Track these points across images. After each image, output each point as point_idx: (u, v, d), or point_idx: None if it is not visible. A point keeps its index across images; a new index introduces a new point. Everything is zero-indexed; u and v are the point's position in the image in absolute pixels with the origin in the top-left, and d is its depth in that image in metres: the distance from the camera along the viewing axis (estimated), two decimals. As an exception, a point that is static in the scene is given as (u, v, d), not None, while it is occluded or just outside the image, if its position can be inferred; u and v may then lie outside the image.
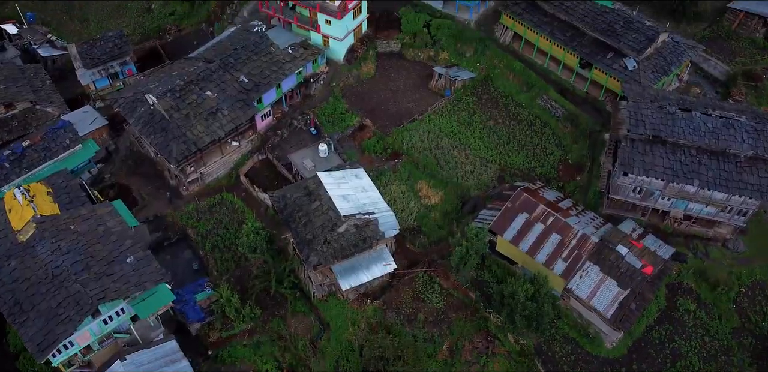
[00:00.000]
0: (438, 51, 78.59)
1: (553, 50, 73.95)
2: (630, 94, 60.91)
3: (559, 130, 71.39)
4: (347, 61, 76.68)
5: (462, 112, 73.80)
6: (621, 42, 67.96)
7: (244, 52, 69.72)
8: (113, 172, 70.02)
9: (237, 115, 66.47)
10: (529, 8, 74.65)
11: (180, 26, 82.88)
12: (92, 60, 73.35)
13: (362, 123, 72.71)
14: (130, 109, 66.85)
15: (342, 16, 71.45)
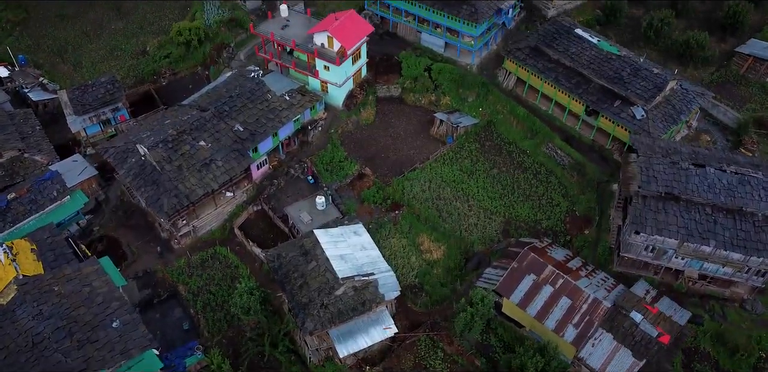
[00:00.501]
0: (439, 96, 76.59)
1: (557, 96, 71.89)
2: (640, 148, 58.57)
3: (565, 179, 68.94)
4: (346, 107, 74.57)
5: (464, 160, 71.44)
6: (628, 90, 65.91)
7: (239, 99, 67.62)
8: (102, 223, 67.31)
9: (231, 166, 64.01)
10: (533, 54, 72.79)
11: (175, 70, 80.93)
12: (83, 107, 71.23)
13: (361, 171, 70.25)
14: (121, 159, 64.44)
15: (341, 63, 69.49)
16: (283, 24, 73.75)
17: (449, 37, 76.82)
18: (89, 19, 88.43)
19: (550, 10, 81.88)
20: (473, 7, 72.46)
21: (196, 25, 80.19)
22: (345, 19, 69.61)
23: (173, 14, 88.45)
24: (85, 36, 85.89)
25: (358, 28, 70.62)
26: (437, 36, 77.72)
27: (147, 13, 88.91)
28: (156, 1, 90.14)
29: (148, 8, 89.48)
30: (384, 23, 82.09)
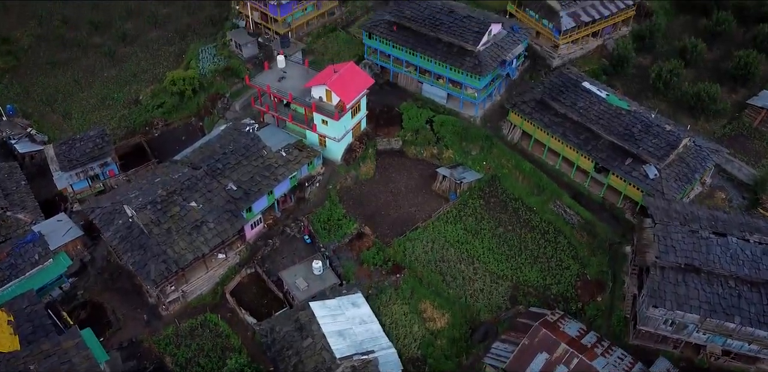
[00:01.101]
0: (442, 149, 73.72)
1: (565, 152, 69.06)
2: (655, 213, 55.41)
3: (574, 239, 65.61)
4: (345, 161, 71.62)
5: (469, 218, 68.19)
6: (640, 147, 63.06)
7: (233, 156, 64.65)
8: (87, 286, 63.61)
9: (224, 228, 60.68)
10: (539, 107, 70.18)
11: (168, 120, 78.23)
12: (70, 162, 68.23)
13: (361, 230, 66.91)
14: (107, 221, 61.16)
15: (340, 117, 66.75)
16: (280, 75, 71.26)
17: (452, 89, 74.32)
18: (82, 66, 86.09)
19: (555, 59, 79.63)
20: (477, 59, 70.06)
21: (190, 75, 77.73)
22: (344, 71, 67.10)
23: (168, 61, 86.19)
24: (76, 84, 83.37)
25: (358, 81, 68.07)
26: (439, 87, 75.24)
27: (141, 60, 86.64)
28: (151, 48, 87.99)
29: (143, 55, 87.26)
30: (384, 73, 79.72)
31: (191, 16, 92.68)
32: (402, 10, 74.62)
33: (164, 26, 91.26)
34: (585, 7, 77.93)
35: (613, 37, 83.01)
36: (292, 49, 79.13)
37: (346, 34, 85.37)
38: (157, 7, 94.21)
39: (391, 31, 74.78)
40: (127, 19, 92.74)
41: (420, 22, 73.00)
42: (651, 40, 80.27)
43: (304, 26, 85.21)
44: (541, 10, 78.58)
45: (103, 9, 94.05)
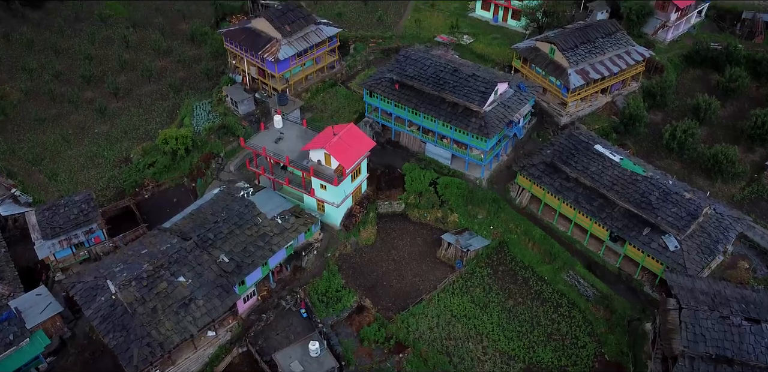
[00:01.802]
0: (446, 212, 69.97)
1: (578, 218, 65.25)
2: (680, 294, 51.33)
3: (590, 313, 61.32)
4: (344, 227, 67.76)
5: (476, 289, 64.04)
6: (659, 217, 59.27)
7: (226, 225, 60.81)
8: (67, 367, 58.99)
9: (214, 305, 56.41)
10: (549, 170, 66.68)
11: (159, 181, 74.63)
12: (53, 230, 64.32)
13: (361, 303, 62.65)
14: (89, 297, 56.87)
15: (339, 183, 63.17)
16: (276, 137, 67.97)
17: (456, 150, 70.99)
18: (72, 122, 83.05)
19: (563, 117, 76.59)
20: (483, 121, 66.86)
21: (183, 134, 74.49)
22: (344, 134, 63.79)
23: (161, 117, 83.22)
24: (65, 142, 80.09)
25: (358, 144, 64.69)
26: (443, 148, 71.92)
27: (133, 116, 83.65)
28: (144, 103, 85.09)
29: (135, 111, 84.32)
30: (386, 131, 76.55)
31: (187, 69, 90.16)
32: (404, 68, 71.80)
33: (158, 80, 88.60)
34: (593, 63, 75.25)
35: (623, 93, 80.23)
36: (290, 107, 76.12)
37: (346, 90, 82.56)
38: (152, 60, 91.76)
39: (392, 90, 71.83)
40: (120, 72, 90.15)
41: (423, 81, 70.07)
42: (662, 97, 77.33)
43: (303, 81, 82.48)
44: (547, 66, 75.86)
45: (97, 62, 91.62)
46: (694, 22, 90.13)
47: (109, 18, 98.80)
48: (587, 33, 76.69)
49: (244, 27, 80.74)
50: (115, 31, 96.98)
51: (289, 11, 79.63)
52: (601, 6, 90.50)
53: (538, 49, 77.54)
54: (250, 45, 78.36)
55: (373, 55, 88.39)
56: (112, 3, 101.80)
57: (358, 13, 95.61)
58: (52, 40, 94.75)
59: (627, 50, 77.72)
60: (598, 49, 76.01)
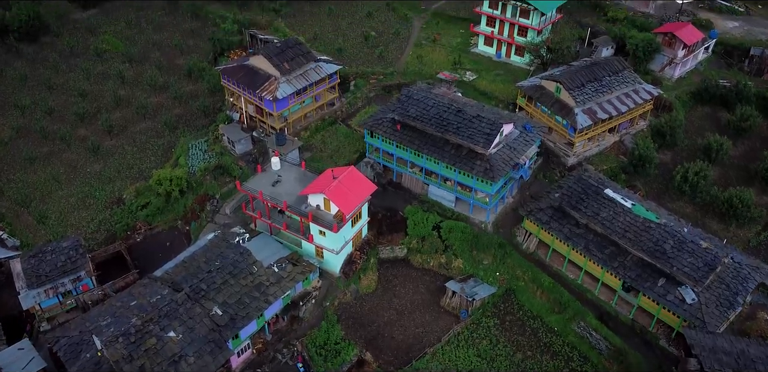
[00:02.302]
0: (450, 258, 67.18)
1: (588, 266, 62.39)
2: (702, 355, 48.36)
3: (603, 368, 58.06)
4: (344, 274, 64.89)
5: (482, 341, 60.91)
6: (674, 267, 56.42)
7: (219, 274, 58.00)
8: (48, 428, 55.61)
9: (206, 362, 53.23)
10: (557, 215, 64.03)
11: (152, 224, 71.90)
12: (38, 279, 61.48)
13: (361, 357, 59.47)
14: (73, 353, 53.86)
15: (338, 229, 60.47)
16: (274, 179, 65.59)
17: (460, 192, 68.43)
18: (63, 161, 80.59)
19: (570, 157, 74.19)
20: (488, 163, 64.41)
21: (177, 175, 71.99)
22: (343, 178, 61.34)
23: (156, 156, 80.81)
24: (55, 181, 77.51)
25: (359, 188, 62.20)
26: (447, 190, 69.37)
27: (127, 154, 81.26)
28: (138, 141, 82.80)
29: (129, 149, 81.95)
30: (387, 172, 74.09)
31: (183, 106, 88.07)
32: (406, 108, 69.62)
33: (154, 117, 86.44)
34: (601, 102, 73.16)
35: (631, 132, 78.02)
36: (288, 147, 73.74)
37: (347, 128, 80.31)
38: (148, 96, 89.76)
39: (394, 131, 69.56)
40: (115, 108, 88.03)
41: (426, 122, 67.82)
42: (672, 136, 75.07)
43: (302, 119, 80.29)
44: (553, 105, 73.73)
45: (92, 99, 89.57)
46: (702, 59, 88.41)
47: (105, 53, 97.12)
48: (594, 71, 74.76)
49: (242, 64, 78.83)
50: (111, 66, 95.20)
51: (288, 48, 77.77)
52: (606, 42, 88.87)
53: (543, 88, 75.51)
54: (248, 83, 76.35)
55: (374, 91, 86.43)
56: (108, 37, 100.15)
57: (358, 49, 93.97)
58: (46, 75, 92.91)
59: (635, 88, 75.71)
60: (606, 87, 73.98)
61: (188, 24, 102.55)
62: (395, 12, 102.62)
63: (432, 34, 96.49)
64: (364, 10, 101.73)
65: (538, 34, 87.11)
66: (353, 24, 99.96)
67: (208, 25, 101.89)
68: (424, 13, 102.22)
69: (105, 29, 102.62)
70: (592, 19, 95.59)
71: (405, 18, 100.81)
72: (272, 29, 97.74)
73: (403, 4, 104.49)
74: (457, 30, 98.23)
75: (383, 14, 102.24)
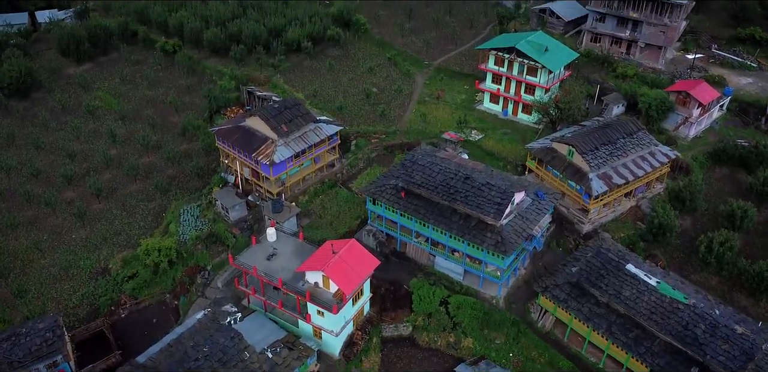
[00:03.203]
0: (459, 336, 62.15)
1: (611, 349, 57.21)
2: None
3: None
4: (344, 356, 59.74)
5: (497, 434, 55.25)
6: (708, 355, 51.34)
7: (207, 362, 52.89)
8: None
9: None
10: (575, 293, 59.24)
11: (138, 298, 66.98)
12: (10, 365, 56.17)
13: None
14: None
15: (338, 310, 55.58)
16: (269, 252, 61.19)
17: (470, 265, 63.78)
18: (47, 227, 76.14)
19: (585, 224, 69.80)
20: (499, 236, 59.96)
21: (166, 245, 67.50)
22: (344, 252, 56.92)
23: (145, 221, 76.43)
24: (37, 250, 72.87)
25: (360, 264, 57.66)
26: (455, 262, 64.73)
27: (115, 219, 76.89)
28: (128, 205, 78.56)
29: (117, 213, 77.62)
30: (390, 241, 69.56)
31: (176, 166, 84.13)
32: (410, 174, 65.62)
33: (145, 179, 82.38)
34: (616, 166, 69.22)
35: (647, 196, 73.85)
36: (285, 214, 69.48)
37: (347, 192, 76.19)
38: (140, 156, 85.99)
39: (398, 198, 65.38)
40: (105, 169, 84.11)
41: (432, 189, 63.70)
42: (692, 201, 70.82)
43: (300, 182, 76.24)
44: (566, 169, 69.77)
45: (81, 159, 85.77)
46: (717, 117, 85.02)
47: (98, 110, 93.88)
48: (607, 133, 71.10)
49: (237, 125, 75.27)
50: (103, 124, 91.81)
51: (286, 109, 74.33)
52: (617, 99, 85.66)
53: (554, 150, 71.70)
54: (244, 145, 72.63)
55: (376, 151, 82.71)
56: (102, 94, 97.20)
57: (359, 106, 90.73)
58: (35, 134, 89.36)
59: (651, 151, 71.94)
60: (620, 150, 70.17)
61: (184, 80, 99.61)
62: (397, 67, 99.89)
63: (435, 91, 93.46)
64: (366, 66, 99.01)
65: (546, 92, 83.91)
66: (354, 80, 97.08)
67: (205, 80, 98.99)
68: (427, 69, 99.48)
69: (99, 85, 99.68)
70: (600, 75, 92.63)
71: (407, 73, 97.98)
72: (270, 85, 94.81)
73: (405, 58, 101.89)
74: (461, 86, 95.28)
75: (385, 69, 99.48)
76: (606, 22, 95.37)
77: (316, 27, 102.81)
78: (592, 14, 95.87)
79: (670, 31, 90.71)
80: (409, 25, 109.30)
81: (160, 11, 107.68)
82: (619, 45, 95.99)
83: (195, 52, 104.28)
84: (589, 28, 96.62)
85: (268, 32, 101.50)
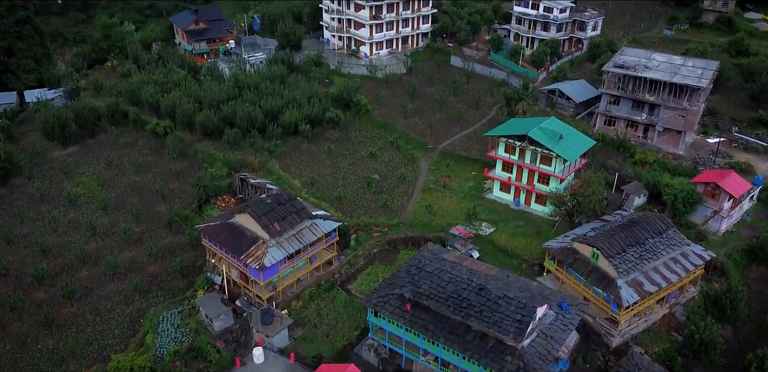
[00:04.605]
0: None
1: None
2: None
3: None
4: None
5: None
6: None
7: None
8: None
9: None
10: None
11: (104, 427, 58.17)
12: None
13: None
14: None
15: None
16: (255, 378, 52.87)
17: (486, 391, 55.34)
18: (11, 335, 68.05)
19: (615, 337, 61.86)
20: (521, 361, 51.99)
21: (139, 363, 59.42)
22: (343, 383, 48.75)
23: (120, 329, 68.32)
24: (-4, 364, 64.67)
25: (361, 397, 49.31)
26: (469, 387, 56.37)
27: (87, 326, 68.80)
28: (102, 309, 70.65)
29: (90, 318, 69.62)
30: (395, 357, 61.41)
31: (159, 263, 76.68)
32: (417, 283, 58.32)
33: (124, 277, 74.68)
34: (647, 271, 62.10)
35: (681, 302, 66.26)
36: (275, 326, 61.70)
37: (346, 295, 68.63)
38: (121, 251, 78.82)
39: (403, 311, 57.78)
40: (82, 266, 76.69)
41: (442, 302, 56.30)
42: (733, 310, 63.08)
43: (294, 285, 68.79)
44: (590, 274, 62.57)
45: (56, 254, 78.51)
46: (748, 208, 78.43)
47: (80, 198, 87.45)
48: (634, 233, 64.29)
49: (225, 222, 68.64)
50: (84, 214, 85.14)
51: (279, 205, 67.82)
52: (638, 189, 79.38)
53: (576, 252, 64.70)
54: (232, 246, 65.71)
55: (378, 247, 75.72)
56: (85, 180, 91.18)
57: (360, 195, 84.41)
58: (8, 226, 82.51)
59: (683, 252, 64.96)
60: (650, 253, 63.15)
61: (174, 164, 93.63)
62: (400, 151, 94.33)
63: (441, 178, 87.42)
64: (367, 150, 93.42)
65: (561, 182, 77.65)
66: (354, 165, 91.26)
67: (195, 166, 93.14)
68: (432, 153, 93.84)
69: (83, 170, 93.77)
70: (617, 160, 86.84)
71: (411, 158, 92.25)
72: (265, 171, 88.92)
73: (408, 141, 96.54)
74: (468, 172, 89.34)
75: (387, 154, 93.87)
76: (620, 104, 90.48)
77: (314, 108, 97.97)
78: (605, 96, 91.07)
79: (690, 115, 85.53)
80: (412, 106, 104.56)
81: (153, 92, 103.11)
82: (635, 128, 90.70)
83: (187, 135, 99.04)
84: (603, 111, 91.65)
85: (264, 114, 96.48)
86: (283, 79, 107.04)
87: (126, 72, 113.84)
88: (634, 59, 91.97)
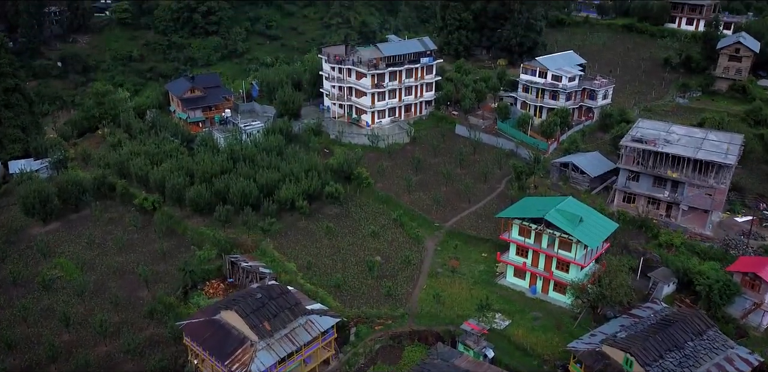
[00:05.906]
0: None
1: None
2: None
3: None
4: None
5: None
6: None
7: None
8: None
9: None
10: None
11: None
12: None
13: None
14: None
15: None
16: None
17: None
18: None
19: None
20: None
21: None
22: None
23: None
24: None
25: None
26: None
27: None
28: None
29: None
30: None
31: (136, 361, 68.70)
32: (427, 399, 50.38)
33: None
34: (688, 381, 53.98)
35: (728, 413, 57.84)
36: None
37: (344, 404, 60.49)
38: (96, 343, 71.23)
39: (411, 433, 49.60)
40: (50, 364, 68.68)
41: (455, 424, 48.15)
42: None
43: (286, 391, 60.68)
44: (624, 384, 54.52)
45: (23, 349, 70.90)
46: (790, 297, 70.85)
47: (55, 282, 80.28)
48: (671, 334, 56.96)
49: (210, 319, 61.32)
50: (58, 301, 77.77)
51: (271, 300, 60.88)
52: (666, 276, 72.34)
53: (606, 356, 57.07)
54: (216, 349, 58.24)
55: (380, 342, 68.14)
56: (63, 261, 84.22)
57: (360, 280, 77.30)
58: (-26, 318, 75.08)
59: (727, 356, 57.27)
60: (691, 359, 55.66)
61: (160, 243, 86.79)
62: (404, 229, 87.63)
63: (449, 261, 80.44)
64: (368, 228, 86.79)
65: (582, 269, 70.63)
66: (355, 245, 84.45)
67: (184, 245, 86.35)
68: (438, 232, 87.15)
69: (62, 250, 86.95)
70: (640, 242, 79.99)
71: (416, 237, 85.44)
72: (258, 252, 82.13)
73: (413, 218, 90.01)
74: (478, 253, 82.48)
75: (390, 232, 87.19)
76: (640, 181, 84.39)
77: (313, 183, 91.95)
78: (623, 172, 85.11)
79: (717, 193, 79.30)
80: (417, 179, 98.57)
81: (142, 164, 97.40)
82: (657, 206, 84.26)
83: (176, 210, 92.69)
84: (622, 187, 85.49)
85: (259, 189, 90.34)
86: (281, 149, 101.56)
87: (116, 142, 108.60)
88: (653, 132, 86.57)
